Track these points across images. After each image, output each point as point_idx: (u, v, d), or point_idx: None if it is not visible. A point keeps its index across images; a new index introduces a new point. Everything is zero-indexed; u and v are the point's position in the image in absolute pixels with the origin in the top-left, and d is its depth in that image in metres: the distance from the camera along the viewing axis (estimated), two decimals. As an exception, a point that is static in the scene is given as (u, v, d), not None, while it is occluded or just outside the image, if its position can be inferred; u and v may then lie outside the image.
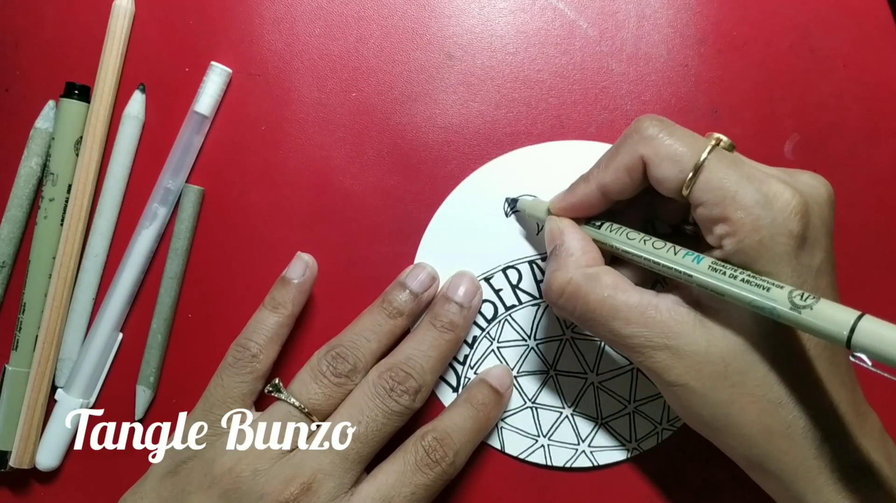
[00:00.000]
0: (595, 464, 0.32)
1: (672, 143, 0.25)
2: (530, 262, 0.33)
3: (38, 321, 0.33)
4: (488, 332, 0.33)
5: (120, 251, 0.33)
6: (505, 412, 0.32)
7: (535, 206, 0.31)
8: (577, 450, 0.32)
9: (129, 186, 0.34)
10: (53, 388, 0.33)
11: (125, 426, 0.33)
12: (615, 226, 0.28)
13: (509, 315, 0.33)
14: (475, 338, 0.33)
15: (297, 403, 0.29)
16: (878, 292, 0.33)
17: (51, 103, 0.33)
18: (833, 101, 0.34)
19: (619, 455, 0.32)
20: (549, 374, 0.32)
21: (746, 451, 0.25)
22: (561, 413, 0.32)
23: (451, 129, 0.33)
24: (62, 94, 0.33)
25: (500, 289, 0.33)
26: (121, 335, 0.33)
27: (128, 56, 0.34)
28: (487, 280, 0.33)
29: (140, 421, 0.33)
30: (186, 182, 0.33)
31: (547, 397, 0.32)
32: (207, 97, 0.33)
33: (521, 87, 0.33)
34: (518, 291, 0.33)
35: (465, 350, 0.33)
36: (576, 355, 0.32)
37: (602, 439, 0.32)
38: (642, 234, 0.27)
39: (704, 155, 0.25)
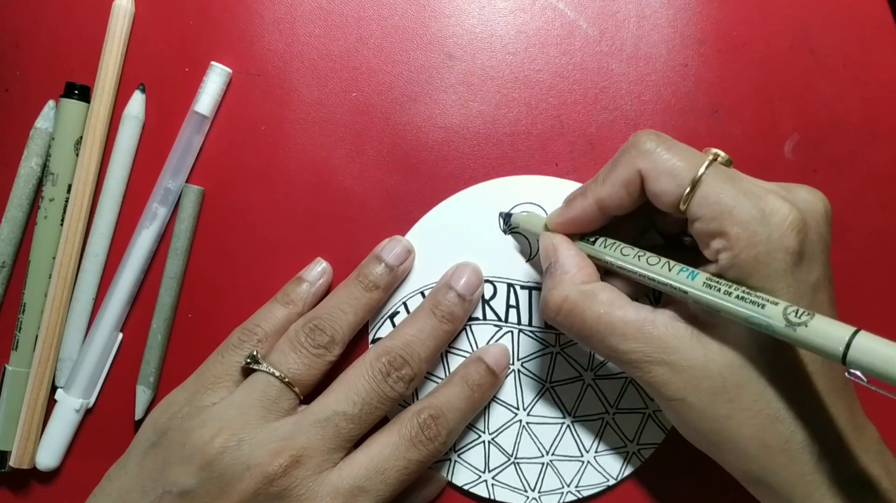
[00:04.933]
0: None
1: (670, 158, 0.25)
2: (509, 285, 0.32)
3: (38, 321, 0.33)
4: None
5: (120, 251, 0.33)
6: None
7: (530, 220, 0.31)
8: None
9: (129, 186, 0.34)
10: (53, 388, 0.33)
11: (125, 426, 0.33)
12: (609, 241, 0.28)
13: (469, 326, 0.33)
14: None
15: (276, 373, 0.29)
16: (879, 292, 0.33)
17: (51, 103, 0.33)
18: (833, 101, 0.34)
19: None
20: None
21: (744, 466, 0.25)
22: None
23: (451, 129, 0.33)
24: (62, 94, 0.33)
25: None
26: (121, 335, 0.33)
27: (128, 56, 0.34)
28: None
29: (140, 421, 0.33)
30: (186, 182, 0.33)
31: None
32: (207, 97, 0.33)
33: (521, 87, 0.33)
34: (486, 307, 0.32)
35: None
36: (515, 387, 0.32)
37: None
38: (637, 250, 0.27)
39: (702, 170, 0.25)
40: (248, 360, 0.29)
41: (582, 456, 0.32)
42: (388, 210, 0.33)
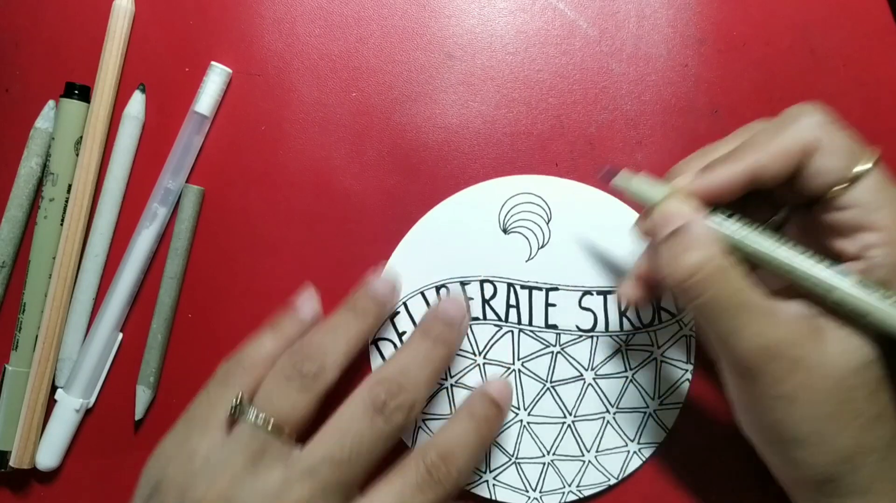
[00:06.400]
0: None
1: (845, 136, 0.24)
2: (509, 285, 0.32)
3: (38, 321, 0.33)
4: None
5: (120, 251, 0.33)
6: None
7: (644, 185, 0.27)
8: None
9: (129, 186, 0.34)
10: (53, 388, 0.33)
11: (125, 426, 0.33)
12: (745, 220, 0.25)
13: (469, 326, 0.32)
14: None
15: (261, 420, 0.26)
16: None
17: (51, 103, 0.33)
18: (833, 101, 0.33)
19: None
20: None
21: (825, 465, 0.24)
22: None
23: (451, 129, 0.33)
24: (62, 94, 0.33)
25: (472, 299, 0.32)
26: (121, 335, 0.33)
27: (128, 56, 0.34)
28: (463, 285, 0.32)
29: (140, 421, 0.33)
30: (186, 182, 0.33)
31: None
32: (207, 97, 0.33)
33: (521, 87, 0.33)
34: (486, 307, 0.32)
35: None
36: (516, 385, 0.32)
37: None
38: (777, 235, 0.25)
39: (875, 158, 0.24)
40: (233, 410, 0.27)
41: (583, 455, 0.32)
42: (388, 210, 0.33)
